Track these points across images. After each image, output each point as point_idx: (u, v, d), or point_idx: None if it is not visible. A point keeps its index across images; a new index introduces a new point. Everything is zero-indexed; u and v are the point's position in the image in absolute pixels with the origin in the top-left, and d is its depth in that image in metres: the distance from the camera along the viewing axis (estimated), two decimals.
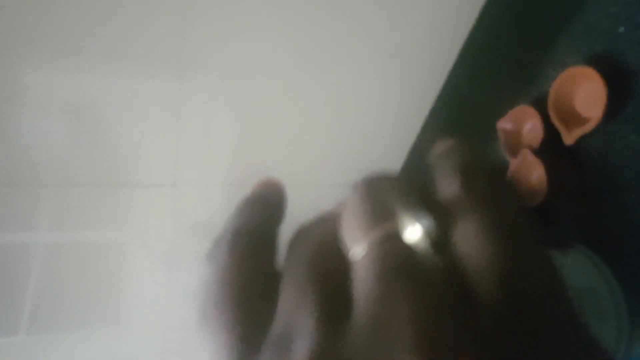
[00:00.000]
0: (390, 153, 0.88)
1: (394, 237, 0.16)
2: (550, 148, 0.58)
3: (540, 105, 0.60)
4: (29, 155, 0.70)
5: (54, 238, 0.75)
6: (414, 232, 0.16)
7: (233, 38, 0.73)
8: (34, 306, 0.74)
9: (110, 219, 0.78)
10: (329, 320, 0.15)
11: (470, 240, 0.16)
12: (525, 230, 0.17)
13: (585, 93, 0.55)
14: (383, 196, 0.18)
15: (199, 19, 0.71)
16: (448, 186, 0.18)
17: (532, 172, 0.59)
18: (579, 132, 0.54)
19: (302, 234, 0.19)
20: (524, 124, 0.63)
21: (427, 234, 0.16)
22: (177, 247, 0.78)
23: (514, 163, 0.61)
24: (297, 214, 0.25)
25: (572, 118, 0.56)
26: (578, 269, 0.50)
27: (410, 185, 0.18)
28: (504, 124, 0.65)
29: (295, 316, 0.16)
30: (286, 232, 0.21)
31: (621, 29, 0.53)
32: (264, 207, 0.22)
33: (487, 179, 0.18)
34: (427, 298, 0.14)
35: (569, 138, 0.55)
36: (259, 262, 0.19)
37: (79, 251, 0.77)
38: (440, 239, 0.16)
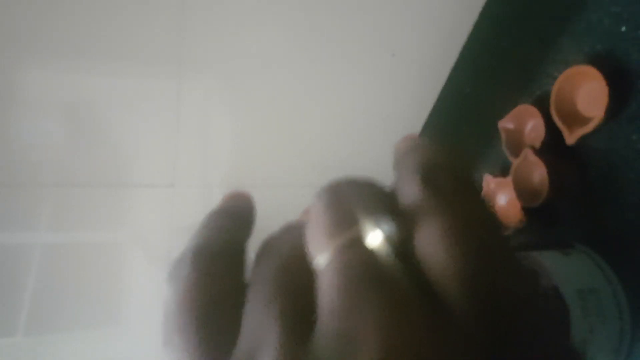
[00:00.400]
0: (390, 153, 0.87)
1: (356, 244, 0.16)
2: (552, 148, 0.58)
3: (542, 104, 0.59)
4: (26, 155, 0.70)
5: (52, 238, 0.75)
6: (375, 238, 0.16)
7: (232, 37, 0.73)
8: (33, 307, 0.74)
9: (108, 220, 0.78)
10: (293, 334, 0.15)
11: (432, 243, 0.15)
12: (490, 229, 0.16)
13: (587, 92, 0.55)
14: (345, 203, 0.17)
15: (197, 18, 0.70)
16: (409, 186, 0.17)
17: (533, 171, 0.59)
18: (581, 131, 0.54)
19: (267, 246, 0.19)
20: (525, 123, 0.63)
21: (389, 239, 0.16)
22: (175, 248, 0.78)
23: (515, 163, 0.61)
24: (297, 214, 0.24)
25: (574, 117, 0.56)
26: (580, 270, 0.50)
27: (374, 189, 0.18)
28: (506, 123, 0.65)
29: (260, 332, 0.16)
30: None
31: (623, 28, 0.53)
32: (230, 222, 0.22)
33: (449, 178, 0.17)
34: (392, 305, 0.14)
35: (570, 138, 0.55)
36: (222, 279, 0.19)
37: (77, 251, 0.77)
38: (403, 244, 0.16)
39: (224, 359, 0.16)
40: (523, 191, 0.60)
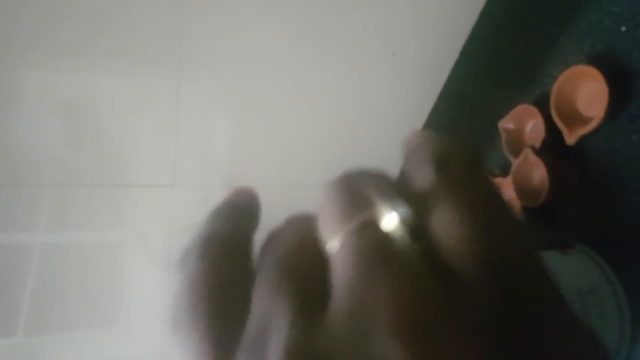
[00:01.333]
0: (391, 153, 0.87)
1: (371, 226, 0.16)
2: (552, 148, 0.58)
3: (542, 104, 0.59)
4: (26, 155, 0.70)
5: (52, 238, 0.75)
6: (390, 220, 0.16)
7: (232, 38, 0.73)
8: (32, 307, 0.74)
9: (108, 220, 0.78)
10: (304, 315, 0.15)
11: (448, 224, 0.16)
12: (503, 210, 0.17)
13: (587, 92, 0.55)
14: (358, 188, 0.17)
15: (197, 19, 0.70)
16: (422, 174, 0.17)
17: (533, 172, 0.59)
18: (581, 131, 0.54)
19: (273, 236, 0.19)
20: (525, 123, 0.63)
21: (404, 221, 0.16)
22: (175, 248, 0.78)
23: (515, 163, 0.61)
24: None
25: (574, 117, 0.56)
26: (580, 270, 0.50)
27: (386, 177, 0.18)
28: (506, 123, 0.65)
29: (270, 316, 0.16)
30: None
31: (623, 28, 0.53)
32: (237, 214, 0.22)
33: (461, 164, 0.18)
34: (406, 281, 0.14)
35: (570, 138, 0.55)
36: (231, 266, 0.19)
37: (77, 251, 0.77)
38: (417, 226, 0.16)
39: (234, 344, 0.16)
40: (523, 191, 0.60)
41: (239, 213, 0.22)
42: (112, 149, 0.74)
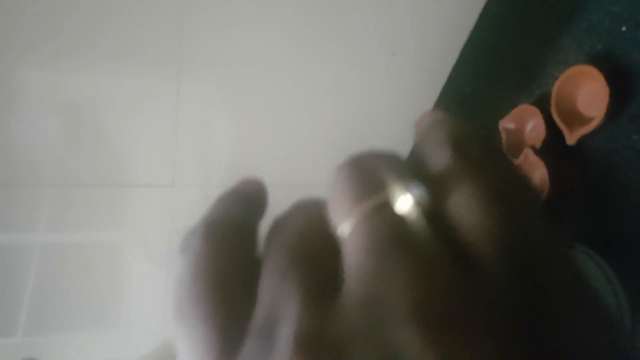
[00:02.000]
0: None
1: (384, 208, 0.15)
2: (553, 147, 0.58)
3: (543, 104, 0.59)
4: (26, 155, 0.70)
5: (52, 238, 0.75)
6: (405, 203, 0.15)
7: (232, 37, 0.73)
8: (32, 307, 0.74)
9: (108, 220, 0.78)
10: (314, 302, 0.14)
11: (466, 207, 0.15)
12: (524, 193, 0.16)
13: (587, 92, 0.55)
14: (371, 169, 0.17)
15: (197, 18, 0.70)
16: (439, 155, 0.17)
17: (534, 171, 0.59)
18: (581, 131, 0.53)
19: (279, 222, 0.18)
20: (526, 123, 0.63)
21: (420, 203, 0.15)
22: (175, 248, 0.78)
23: (516, 163, 0.61)
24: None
25: (575, 117, 0.56)
26: None
27: (399, 159, 0.18)
28: (506, 123, 0.64)
29: (278, 302, 0.15)
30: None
31: (623, 28, 0.53)
32: (242, 200, 0.21)
33: (479, 144, 0.17)
34: (424, 268, 0.14)
35: (571, 138, 0.55)
36: (236, 250, 0.18)
37: (77, 251, 0.77)
38: (434, 209, 0.15)
39: (240, 330, 0.16)
40: None
41: (245, 201, 0.21)
42: (112, 149, 0.74)
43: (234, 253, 0.18)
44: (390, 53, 0.80)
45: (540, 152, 0.58)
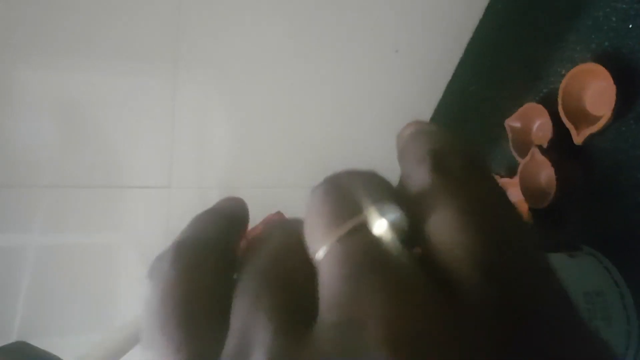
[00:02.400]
0: (393, 151, 0.87)
1: (359, 232, 0.15)
2: (560, 147, 0.57)
3: (549, 103, 0.59)
4: (20, 155, 0.70)
5: (48, 240, 0.75)
6: (380, 226, 0.15)
7: (229, 35, 0.72)
8: (27, 310, 0.74)
9: (104, 221, 0.78)
10: (288, 329, 0.14)
11: (445, 229, 0.15)
12: (506, 212, 0.16)
13: (594, 91, 0.54)
14: (347, 190, 0.16)
15: (194, 16, 0.70)
16: (418, 172, 0.16)
17: (540, 171, 0.58)
18: (589, 130, 0.53)
19: (253, 244, 0.18)
20: (532, 122, 0.62)
21: (396, 226, 0.15)
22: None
23: (522, 162, 0.60)
24: (298, 215, 0.24)
25: (582, 116, 0.55)
26: (587, 272, 0.50)
27: (376, 178, 0.17)
28: (512, 122, 0.64)
29: (251, 328, 0.14)
30: None
31: (630, 25, 0.52)
32: (220, 220, 0.21)
33: (460, 160, 0.17)
34: (398, 290, 0.13)
35: (578, 137, 0.54)
36: (206, 276, 0.17)
37: (72, 253, 0.76)
38: (412, 230, 0.15)
39: (212, 358, 0.15)
40: (530, 192, 0.59)
41: (222, 220, 0.21)
42: (108, 150, 0.74)
43: (205, 276, 0.17)
44: (393, 50, 0.80)
45: (547, 151, 0.57)
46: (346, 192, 0.16)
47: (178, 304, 0.16)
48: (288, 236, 0.17)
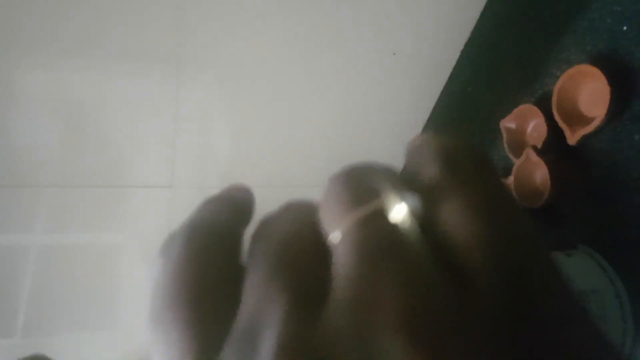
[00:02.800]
0: (392, 152, 0.87)
1: (377, 217, 0.15)
2: (554, 147, 0.58)
3: (544, 104, 0.59)
4: (23, 155, 0.70)
5: (50, 239, 0.75)
6: (398, 211, 0.15)
7: (231, 37, 0.73)
8: (30, 308, 0.74)
9: (106, 220, 0.78)
10: (300, 308, 0.14)
11: (457, 218, 0.15)
12: (513, 207, 0.16)
13: (589, 92, 0.55)
14: (364, 179, 0.17)
15: (196, 18, 0.70)
16: (430, 169, 0.17)
17: (535, 171, 0.59)
18: (583, 131, 0.53)
19: (266, 223, 0.18)
20: (527, 123, 0.63)
21: (413, 212, 0.15)
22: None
23: (517, 163, 0.60)
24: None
25: (576, 117, 0.55)
26: (583, 271, 0.50)
27: (392, 171, 0.18)
28: (508, 123, 0.64)
29: (262, 307, 0.15)
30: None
31: (625, 27, 0.53)
32: (228, 206, 0.21)
33: (469, 159, 0.17)
34: (413, 277, 0.14)
35: (572, 138, 0.54)
36: (216, 257, 0.18)
37: (75, 252, 0.77)
38: (426, 219, 0.16)
39: (220, 337, 0.15)
40: (525, 192, 0.60)
41: (231, 207, 0.21)
42: (110, 149, 0.74)
43: (215, 259, 0.18)
44: (391, 52, 0.80)
45: (541, 152, 0.57)
46: (364, 179, 0.17)
47: (188, 283, 0.17)
48: (302, 216, 0.17)
